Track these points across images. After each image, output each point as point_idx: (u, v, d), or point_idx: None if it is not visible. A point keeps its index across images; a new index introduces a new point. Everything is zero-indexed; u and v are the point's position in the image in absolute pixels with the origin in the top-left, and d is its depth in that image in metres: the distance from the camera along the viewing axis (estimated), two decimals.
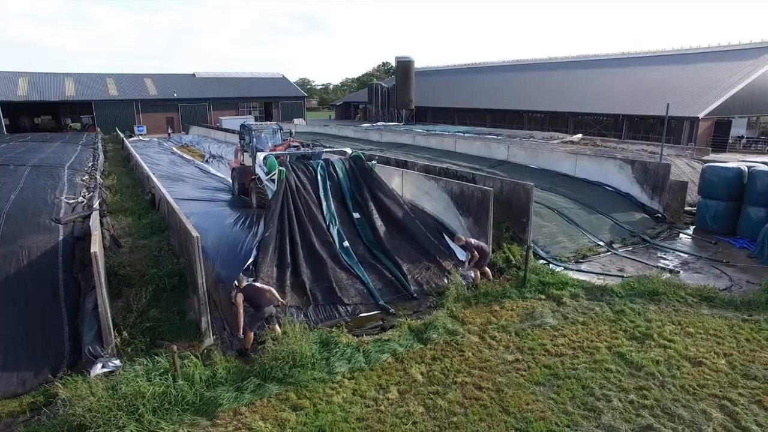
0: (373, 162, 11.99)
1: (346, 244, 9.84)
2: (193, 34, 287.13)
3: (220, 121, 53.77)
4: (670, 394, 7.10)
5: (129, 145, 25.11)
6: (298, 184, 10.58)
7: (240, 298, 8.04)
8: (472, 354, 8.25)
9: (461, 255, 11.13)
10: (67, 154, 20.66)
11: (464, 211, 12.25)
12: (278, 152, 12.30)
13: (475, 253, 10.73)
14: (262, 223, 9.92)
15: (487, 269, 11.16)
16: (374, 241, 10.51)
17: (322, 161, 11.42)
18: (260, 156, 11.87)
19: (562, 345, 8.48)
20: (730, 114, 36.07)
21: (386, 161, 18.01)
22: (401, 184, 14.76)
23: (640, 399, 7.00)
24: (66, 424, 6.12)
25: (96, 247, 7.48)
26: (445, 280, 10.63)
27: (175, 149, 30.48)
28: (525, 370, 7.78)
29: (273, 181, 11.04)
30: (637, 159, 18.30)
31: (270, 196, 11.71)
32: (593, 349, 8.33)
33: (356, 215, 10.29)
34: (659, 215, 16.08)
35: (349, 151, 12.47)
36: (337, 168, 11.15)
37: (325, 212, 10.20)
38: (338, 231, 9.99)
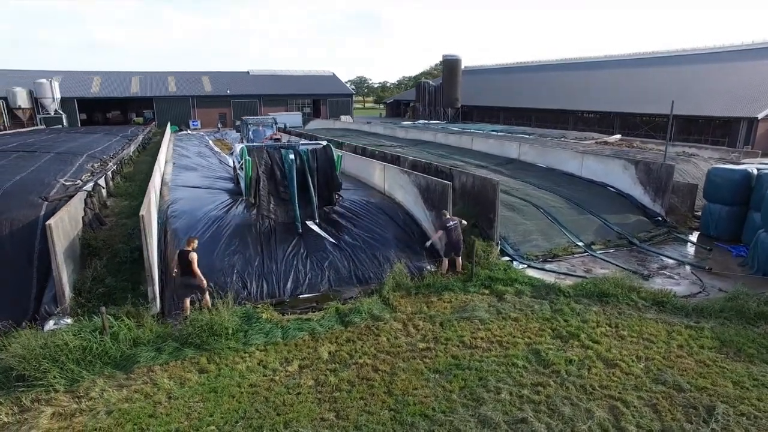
0: (339, 154, 12.65)
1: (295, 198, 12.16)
2: (259, 35, 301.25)
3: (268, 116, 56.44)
4: (564, 392, 7.01)
5: (165, 138, 27.36)
6: (268, 164, 11.93)
7: (195, 256, 8.94)
8: (387, 339, 8.51)
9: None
10: (97, 144, 22.89)
11: (429, 205, 12.40)
12: (253, 144, 13.16)
13: (442, 233, 10.91)
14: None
15: (459, 260, 11.28)
16: (310, 195, 12.45)
17: (290, 150, 12.27)
18: (237, 148, 12.79)
19: (481, 338, 8.52)
20: None
21: (383, 156, 18.41)
22: (383, 177, 15.12)
23: (531, 394, 6.97)
24: None
25: (54, 220, 8.56)
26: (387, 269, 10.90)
27: (210, 142, 32.63)
28: (430, 358, 7.94)
29: (242, 168, 11.96)
30: (643, 159, 17.32)
31: (241, 183, 12.67)
32: (510, 345, 8.32)
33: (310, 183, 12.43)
34: (659, 218, 15.21)
35: (324, 143, 13.15)
36: (301, 155, 12.01)
37: (287, 179, 12.26)
38: (291, 180, 12.23)
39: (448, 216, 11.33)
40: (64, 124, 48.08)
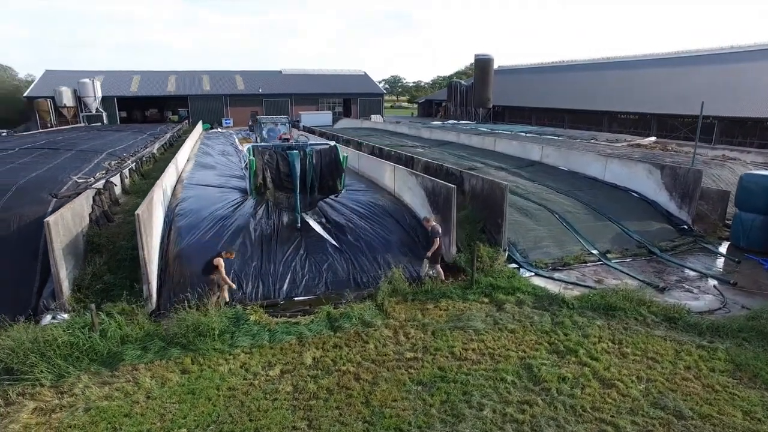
0: (345, 155, 12.50)
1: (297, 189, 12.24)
2: (295, 34, 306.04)
3: (299, 115, 57.09)
4: (552, 412, 6.59)
5: (191, 137, 27.99)
6: (273, 157, 12.03)
7: (220, 261, 9.30)
8: (374, 347, 8.27)
9: None
10: (120, 142, 23.54)
11: (434, 208, 12.06)
12: (261, 144, 13.21)
13: (437, 240, 10.64)
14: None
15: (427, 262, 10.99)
16: (310, 188, 12.51)
17: (296, 150, 12.24)
18: (244, 147, 12.87)
19: (472, 350, 8.15)
20: None
21: (398, 157, 18.15)
22: (393, 178, 14.86)
23: (516, 413, 6.58)
24: None
25: (53, 217, 8.78)
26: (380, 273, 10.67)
27: (236, 140, 33.22)
28: (416, 369, 7.65)
29: (247, 168, 12.05)
30: (670, 164, 16.32)
31: (246, 183, 12.75)
32: (502, 358, 7.92)
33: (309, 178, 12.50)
34: (685, 227, 14.28)
35: (332, 143, 13.06)
36: (306, 155, 11.98)
37: (290, 168, 12.24)
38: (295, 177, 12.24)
39: (431, 219, 11.06)
40: (104, 121, 50.22)
